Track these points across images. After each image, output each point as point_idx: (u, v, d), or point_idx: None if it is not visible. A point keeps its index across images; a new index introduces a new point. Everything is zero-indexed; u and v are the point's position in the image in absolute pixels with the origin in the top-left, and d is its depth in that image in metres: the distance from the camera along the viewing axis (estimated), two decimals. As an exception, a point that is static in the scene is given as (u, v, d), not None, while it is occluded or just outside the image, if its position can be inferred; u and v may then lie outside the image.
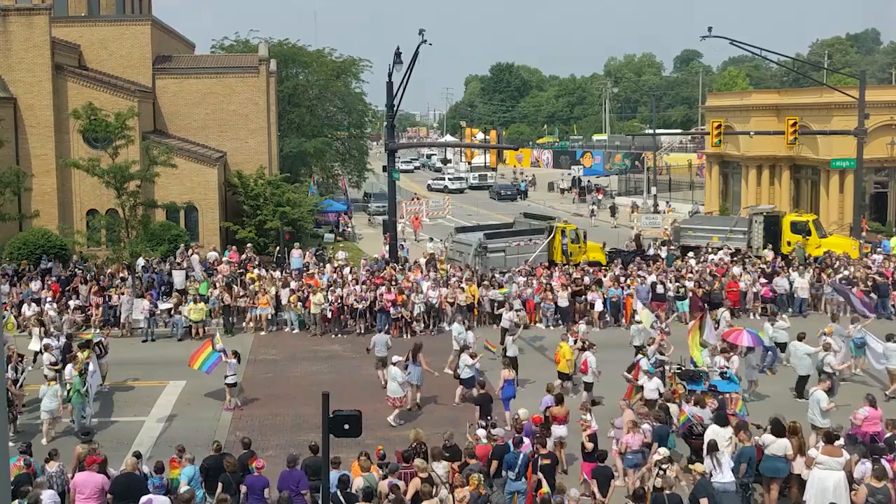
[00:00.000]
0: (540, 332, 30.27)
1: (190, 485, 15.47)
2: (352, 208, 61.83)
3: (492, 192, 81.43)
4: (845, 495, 15.27)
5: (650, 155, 76.48)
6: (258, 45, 52.65)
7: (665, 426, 17.73)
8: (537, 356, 27.23)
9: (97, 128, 37.69)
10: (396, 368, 22.00)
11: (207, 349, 23.78)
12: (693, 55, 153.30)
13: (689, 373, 20.53)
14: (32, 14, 39.92)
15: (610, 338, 29.15)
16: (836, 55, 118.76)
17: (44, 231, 37.51)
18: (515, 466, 16.00)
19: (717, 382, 20.58)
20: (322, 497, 12.16)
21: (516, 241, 38.41)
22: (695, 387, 20.25)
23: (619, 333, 30.17)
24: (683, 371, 20.68)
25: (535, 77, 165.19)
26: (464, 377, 23.00)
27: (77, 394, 21.16)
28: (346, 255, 41.09)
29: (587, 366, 22.57)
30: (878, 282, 31.99)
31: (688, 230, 43.28)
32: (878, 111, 46.36)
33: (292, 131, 60.59)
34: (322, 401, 11.38)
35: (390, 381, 22.23)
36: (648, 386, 20.68)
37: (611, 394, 22.21)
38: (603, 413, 20.12)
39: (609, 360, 25.13)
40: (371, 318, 30.72)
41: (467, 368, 22.99)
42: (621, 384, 22.56)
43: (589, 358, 22.64)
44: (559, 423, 18.83)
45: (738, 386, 20.71)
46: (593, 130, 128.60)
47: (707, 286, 32.09)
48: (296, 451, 16.81)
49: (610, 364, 25.03)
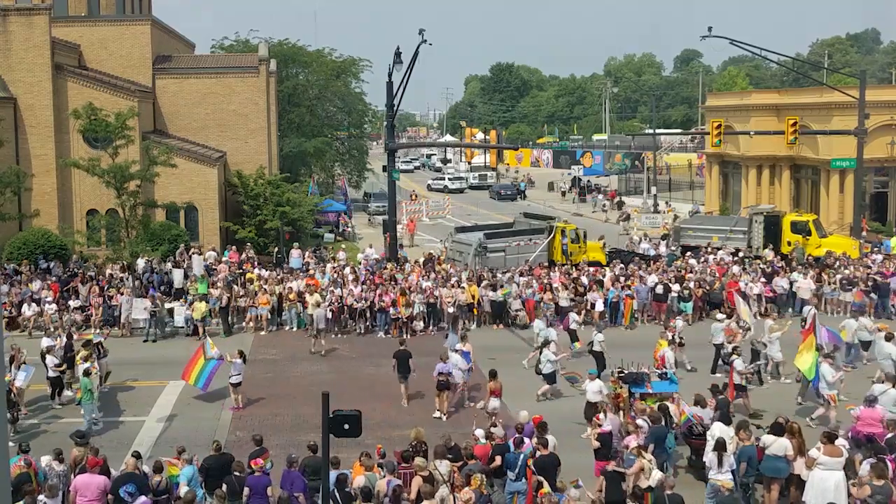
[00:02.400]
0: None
1: (189, 485, 15.47)
2: (351, 208, 61.83)
3: (492, 192, 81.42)
4: (845, 495, 15.26)
5: (650, 155, 76.47)
6: (258, 45, 52.65)
7: (663, 426, 17.69)
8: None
9: (97, 128, 37.67)
10: (458, 356, 22.54)
11: (199, 361, 23.48)
12: (693, 55, 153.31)
13: (632, 375, 20.31)
14: (32, 14, 39.91)
15: (610, 338, 29.12)
16: (836, 55, 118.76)
17: (44, 231, 37.51)
18: (516, 467, 16.00)
19: (656, 384, 20.37)
20: (322, 497, 12.16)
21: (516, 241, 38.42)
22: (637, 389, 19.98)
23: (619, 333, 30.18)
24: (626, 374, 20.47)
25: (535, 77, 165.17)
26: (545, 372, 22.94)
27: (87, 394, 21.16)
28: (346, 255, 41.10)
29: (664, 362, 22.47)
30: (878, 282, 31.98)
31: (688, 230, 43.28)
32: (878, 111, 46.35)
33: (292, 131, 60.58)
34: (322, 401, 11.38)
35: (453, 370, 22.46)
36: (590, 388, 20.44)
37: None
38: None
39: (609, 361, 25.15)
40: (371, 318, 30.73)
41: (549, 364, 23.00)
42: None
43: (667, 354, 22.56)
44: (494, 397, 20.66)
45: (677, 387, 20.51)
46: (593, 130, 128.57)
47: (707, 286, 32.11)
48: (294, 453, 16.80)
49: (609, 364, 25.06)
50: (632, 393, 19.99)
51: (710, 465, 16.24)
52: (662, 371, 20.88)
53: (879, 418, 17.86)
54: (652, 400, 19.56)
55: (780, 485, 16.53)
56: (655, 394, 19.88)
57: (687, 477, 17.95)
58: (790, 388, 23.56)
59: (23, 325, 30.67)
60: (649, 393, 19.92)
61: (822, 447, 15.80)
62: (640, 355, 26.14)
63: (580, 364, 24.41)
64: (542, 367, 23.07)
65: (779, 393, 23.31)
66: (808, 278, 32.72)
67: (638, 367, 20.84)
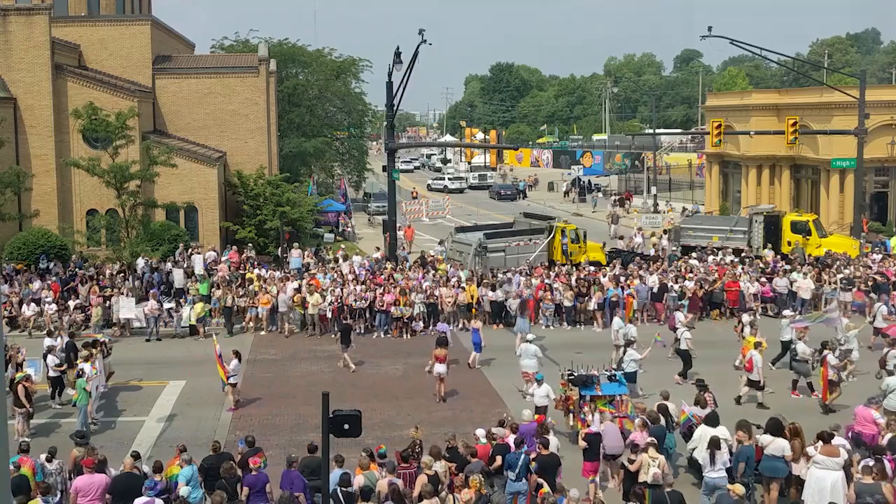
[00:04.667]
0: (540, 331, 30.20)
1: (189, 485, 15.47)
2: (351, 208, 61.81)
3: (492, 191, 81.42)
4: (843, 495, 15.26)
5: (650, 155, 76.48)
6: (258, 44, 52.64)
7: (662, 426, 17.68)
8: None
9: (97, 127, 37.67)
10: (533, 346, 23.16)
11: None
12: (693, 55, 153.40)
13: (581, 378, 20.14)
14: (32, 14, 39.90)
15: (609, 338, 29.14)
16: (836, 55, 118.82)
17: (44, 231, 37.49)
18: (516, 467, 15.99)
19: (606, 385, 20.14)
20: (322, 497, 12.15)
21: (516, 241, 38.40)
22: (587, 391, 19.81)
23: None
24: (575, 377, 20.26)
25: (535, 77, 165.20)
26: (627, 371, 22.79)
27: (83, 393, 21.16)
28: (345, 254, 41.07)
29: (752, 364, 22.44)
30: (878, 282, 31.97)
31: (688, 230, 43.28)
32: (878, 111, 46.37)
33: (292, 131, 60.55)
34: (322, 401, 11.37)
35: (526, 357, 23.08)
36: (538, 392, 20.23)
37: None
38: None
39: (608, 360, 25.16)
40: (371, 318, 30.73)
41: (633, 363, 22.97)
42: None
43: (755, 356, 22.49)
44: (440, 363, 23.22)
45: (626, 388, 20.40)
46: (593, 130, 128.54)
47: (708, 286, 32.10)
48: (294, 452, 16.80)
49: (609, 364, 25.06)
50: (582, 395, 19.84)
51: (703, 462, 16.31)
52: (612, 373, 20.77)
53: (872, 419, 17.86)
54: (602, 402, 19.51)
55: (780, 484, 16.53)
56: (605, 396, 19.76)
57: (687, 477, 17.95)
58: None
59: (23, 325, 30.68)
60: (599, 395, 19.79)
61: (820, 447, 15.80)
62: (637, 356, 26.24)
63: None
64: (626, 367, 22.87)
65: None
66: (808, 278, 32.73)
67: (588, 369, 20.80)
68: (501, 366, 26.22)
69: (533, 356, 23.08)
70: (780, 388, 23.77)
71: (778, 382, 24.12)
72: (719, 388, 21.17)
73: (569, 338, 29.56)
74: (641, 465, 15.89)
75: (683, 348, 24.71)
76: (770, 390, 23.07)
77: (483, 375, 25.59)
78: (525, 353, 23.26)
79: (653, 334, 26.63)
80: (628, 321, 30.91)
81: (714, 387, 20.24)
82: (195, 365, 26.45)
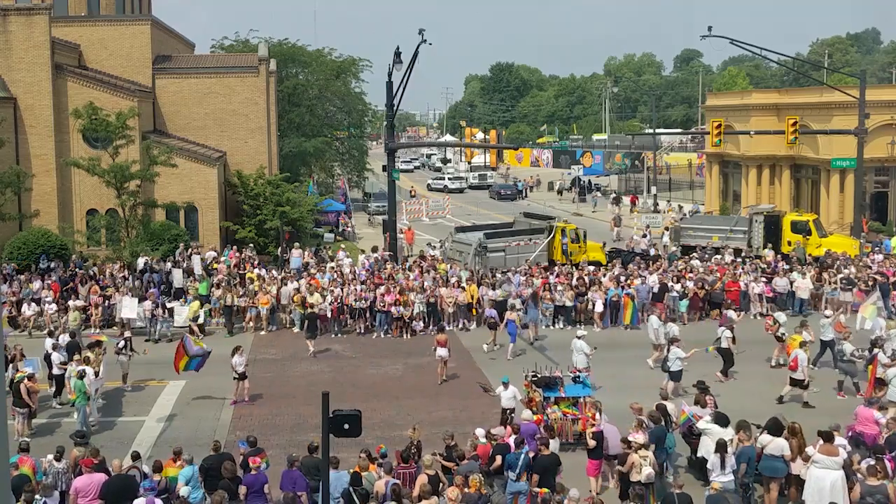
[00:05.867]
0: (540, 331, 30.21)
1: (188, 485, 15.46)
2: (351, 208, 61.80)
3: (492, 191, 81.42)
4: (842, 495, 15.25)
5: (650, 154, 76.47)
6: (258, 44, 52.62)
7: (662, 426, 17.68)
8: (537, 355, 27.16)
9: (97, 127, 37.67)
10: (582, 342, 23.40)
11: (183, 358, 23.69)
12: (693, 55, 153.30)
13: (545, 379, 20.14)
14: (32, 14, 39.89)
15: (610, 338, 29.18)
16: (837, 54, 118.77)
17: (44, 231, 37.47)
18: (516, 467, 15.99)
19: (569, 387, 20.18)
20: (322, 497, 12.14)
21: (516, 241, 38.40)
22: (550, 393, 19.80)
23: (618, 333, 30.21)
24: (539, 378, 20.29)
25: (534, 77, 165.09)
26: (673, 370, 22.87)
27: (81, 395, 21.15)
28: (346, 254, 41.05)
29: (797, 363, 22.36)
30: (878, 281, 31.96)
31: (688, 230, 43.28)
32: (878, 111, 46.36)
33: (292, 131, 60.54)
34: (322, 401, 11.37)
35: (576, 353, 23.29)
36: (505, 395, 20.20)
37: (614, 394, 22.14)
38: (610, 413, 19.99)
39: (609, 360, 25.21)
40: (371, 318, 30.73)
41: (678, 361, 22.93)
42: (625, 384, 22.48)
43: (800, 355, 22.44)
44: (441, 346, 24.69)
45: (590, 390, 20.39)
46: (593, 130, 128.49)
47: (708, 286, 32.09)
48: (295, 452, 16.80)
49: (610, 364, 25.11)
50: (546, 397, 19.79)
51: (712, 467, 16.23)
52: (575, 374, 20.70)
53: (873, 419, 17.85)
54: (565, 404, 19.43)
55: (779, 484, 16.52)
56: (569, 398, 19.73)
57: (687, 477, 17.94)
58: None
59: (23, 325, 30.67)
60: (563, 397, 19.75)
61: (819, 446, 15.80)
62: (640, 354, 26.30)
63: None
64: (671, 365, 22.93)
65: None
66: (807, 278, 32.73)
67: (551, 371, 20.72)
68: (502, 366, 26.21)
69: (580, 351, 23.27)
70: (821, 387, 23.61)
71: (820, 382, 23.89)
72: (732, 387, 21.08)
73: (569, 338, 29.49)
74: (633, 465, 15.90)
75: (724, 346, 24.71)
76: (815, 389, 22.95)
77: (483, 375, 25.58)
78: (575, 349, 23.46)
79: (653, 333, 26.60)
80: (628, 321, 31.08)
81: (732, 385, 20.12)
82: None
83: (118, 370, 24.92)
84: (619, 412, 18.91)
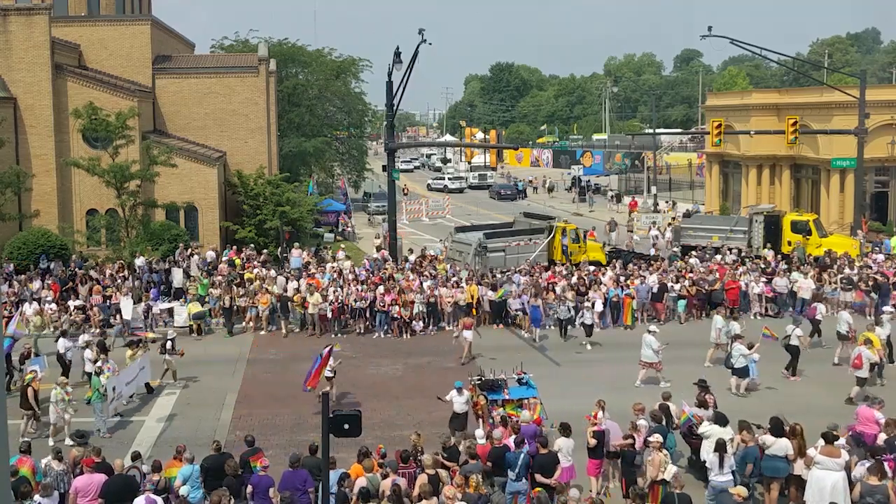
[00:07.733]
0: (540, 332, 30.19)
1: (188, 484, 15.45)
2: (350, 208, 61.81)
3: (492, 191, 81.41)
4: (844, 496, 15.23)
5: (650, 154, 76.44)
6: (258, 44, 52.63)
7: (663, 426, 17.66)
8: (537, 355, 27.19)
9: (97, 127, 37.68)
10: (652, 337, 23.58)
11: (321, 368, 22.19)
12: (693, 55, 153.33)
13: (489, 382, 20.03)
14: (32, 14, 39.90)
15: (610, 337, 29.18)
16: (837, 54, 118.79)
17: (44, 231, 37.49)
18: (516, 467, 15.98)
19: (514, 389, 20.05)
20: (322, 497, 12.14)
21: (516, 241, 38.39)
22: (495, 396, 19.68)
23: (618, 333, 30.18)
24: (483, 381, 20.17)
25: (534, 77, 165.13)
26: (737, 366, 22.85)
27: (97, 394, 21.14)
28: (346, 254, 41.09)
29: (861, 360, 22.23)
30: (878, 281, 31.96)
31: (688, 230, 43.28)
32: (878, 110, 46.33)
33: (292, 131, 60.55)
34: (322, 401, 11.37)
35: (645, 347, 23.58)
36: (458, 400, 19.97)
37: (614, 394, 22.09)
38: (610, 413, 19.96)
39: (609, 360, 25.20)
40: (371, 318, 30.72)
41: (742, 358, 22.93)
42: (625, 384, 22.46)
43: (864, 352, 22.28)
44: (467, 329, 25.87)
45: (535, 391, 20.18)
46: (593, 130, 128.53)
47: (707, 286, 32.07)
48: (298, 451, 16.78)
49: (610, 364, 25.10)
50: (492, 400, 19.68)
51: (710, 466, 16.23)
52: (520, 376, 20.56)
53: (874, 419, 17.83)
54: (511, 406, 19.40)
55: (780, 484, 16.51)
56: (514, 400, 19.65)
57: (687, 477, 17.92)
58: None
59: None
60: (508, 399, 19.67)
61: (820, 447, 15.79)
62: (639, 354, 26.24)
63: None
64: (735, 362, 22.95)
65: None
66: (808, 278, 32.70)
67: (495, 374, 20.64)
68: (502, 366, 26.16)
69: (649, 346, 23.46)
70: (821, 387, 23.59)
71: (819, 382, 23.90)
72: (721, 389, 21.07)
73: (569, 340, 29.53)
74: (659, 464, 15.82)
75: (794, 344, 24.59)
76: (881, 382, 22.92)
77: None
78: (645, 343, 23.65)
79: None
80: (628, 321, 31.06)
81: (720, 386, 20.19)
82: (195, 365, 26.39)
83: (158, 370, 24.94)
84: (619, 412, 18.88)
